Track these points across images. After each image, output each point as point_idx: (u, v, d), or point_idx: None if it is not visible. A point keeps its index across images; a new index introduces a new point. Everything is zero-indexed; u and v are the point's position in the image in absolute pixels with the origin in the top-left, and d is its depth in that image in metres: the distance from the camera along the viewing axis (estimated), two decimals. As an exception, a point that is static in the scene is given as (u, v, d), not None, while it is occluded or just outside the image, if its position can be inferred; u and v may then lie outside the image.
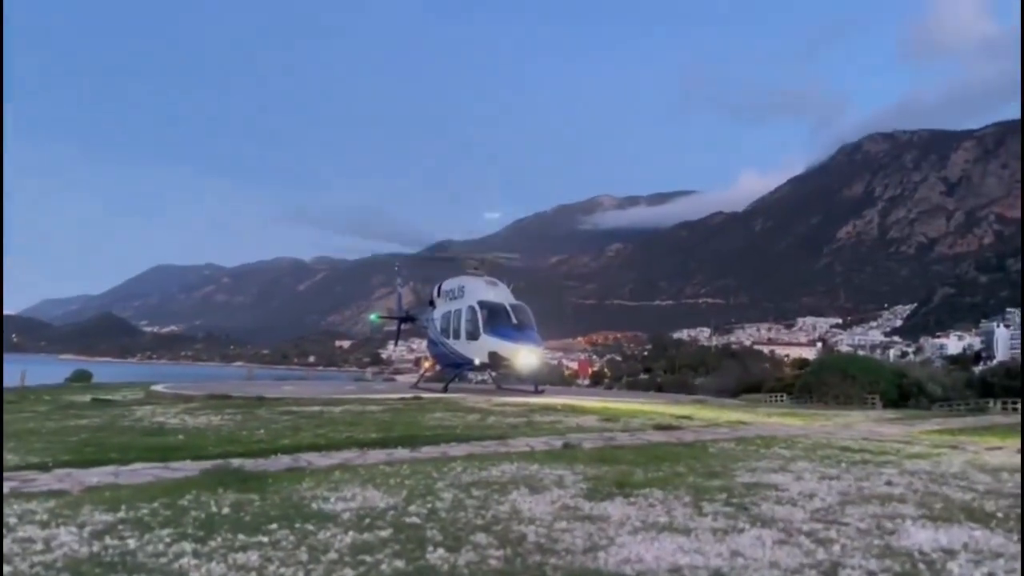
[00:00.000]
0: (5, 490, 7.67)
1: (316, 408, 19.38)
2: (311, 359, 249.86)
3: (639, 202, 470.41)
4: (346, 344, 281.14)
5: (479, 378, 39.08)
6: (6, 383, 53.26)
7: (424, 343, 43.34)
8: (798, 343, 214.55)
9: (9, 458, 10.26)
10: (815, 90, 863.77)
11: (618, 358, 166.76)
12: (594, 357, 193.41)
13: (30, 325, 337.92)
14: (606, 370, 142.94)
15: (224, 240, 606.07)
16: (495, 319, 29.22)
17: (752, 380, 74.03)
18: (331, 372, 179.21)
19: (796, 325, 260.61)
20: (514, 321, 28.79)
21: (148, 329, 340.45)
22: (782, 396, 53.15)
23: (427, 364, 41.80)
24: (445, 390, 29.51)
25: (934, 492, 8.14)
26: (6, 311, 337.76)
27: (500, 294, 30.86)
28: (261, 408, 19.79)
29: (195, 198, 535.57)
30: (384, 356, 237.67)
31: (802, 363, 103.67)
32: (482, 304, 29.98)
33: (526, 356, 28.19)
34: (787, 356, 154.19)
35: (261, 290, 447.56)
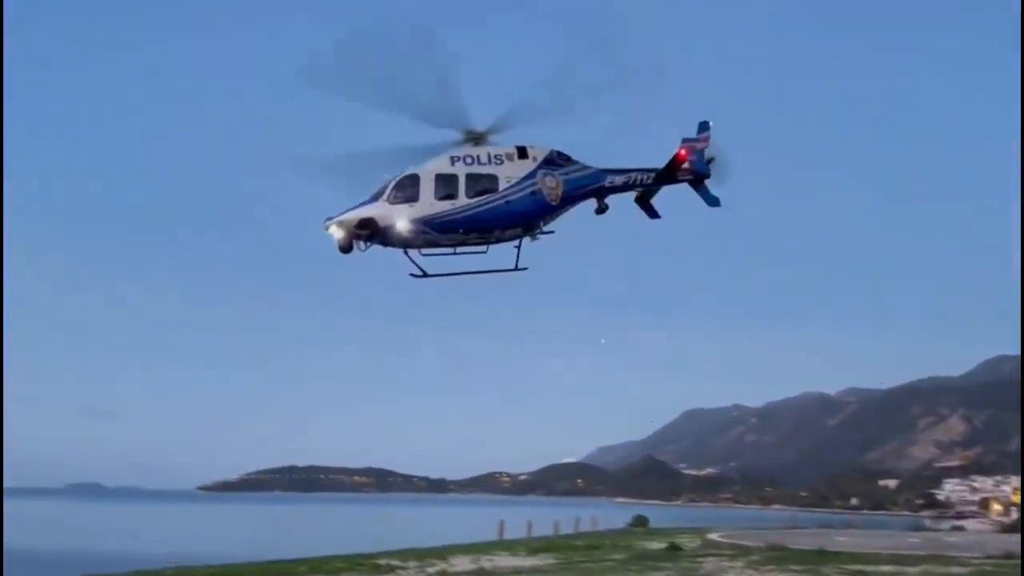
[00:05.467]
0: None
1: (888, 568, 18.04)
2: (853, 501, 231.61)
3: None
4: (892, 484, 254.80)
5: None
6: (582, 527, 60.94)
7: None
8: None
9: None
10: None
11: None
12: None
13: (589, 471, 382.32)
14: None
15: (748, 379, 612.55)
16: None
17: None
18: (878, 516, 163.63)
19: None
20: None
21: (687, 472, 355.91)
22: None
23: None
24: None
25: None
26: (567, 459, 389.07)
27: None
28: (826, 565, 19.18)
29: (723, 340, 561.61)
30: (941, 497, 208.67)
31: None
32: None
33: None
34: None
35: (789, 428, 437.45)
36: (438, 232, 19.54)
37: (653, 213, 21.69)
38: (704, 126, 20.99)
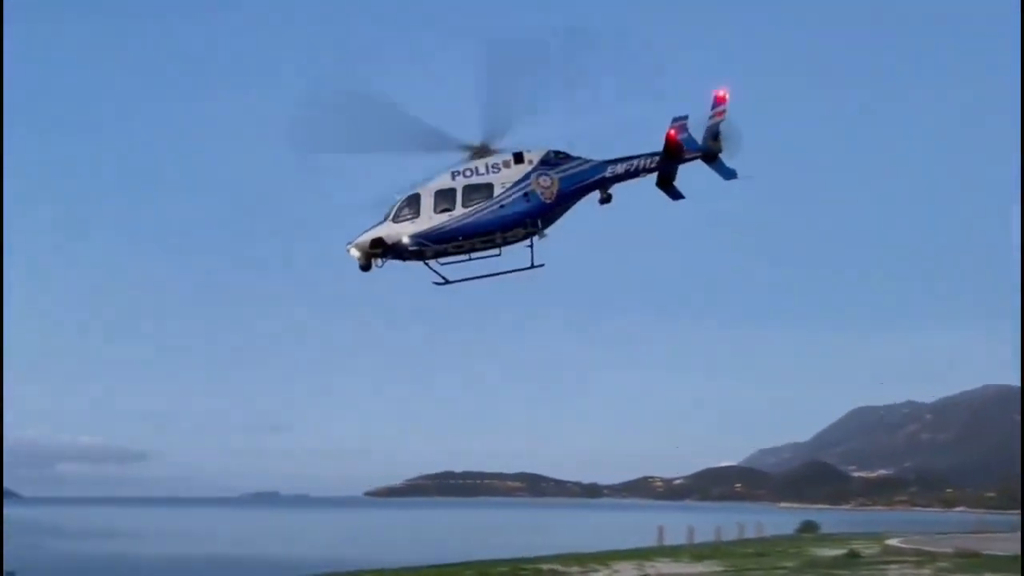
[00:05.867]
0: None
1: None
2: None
3: None
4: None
5: None
6: (747, 534, 58.92)
7: None
8: None
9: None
10: None
11: None
12: None
13: (749, 475, 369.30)
14: None
15: (921, 374, 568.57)
16: None
17: None
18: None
19: None
20: None
21: (856, 474, 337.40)
22: None
23: None
24: None
25: None
26: (725, 462, 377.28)
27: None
28: (1029, 573, 17.42)
29: (891, 332, 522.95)
30: None
31: None
32: None
33: None
34: None
35: (969, 424, 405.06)
36: (439, 243, 20.91)
37: (676, 195, 21.34)
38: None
